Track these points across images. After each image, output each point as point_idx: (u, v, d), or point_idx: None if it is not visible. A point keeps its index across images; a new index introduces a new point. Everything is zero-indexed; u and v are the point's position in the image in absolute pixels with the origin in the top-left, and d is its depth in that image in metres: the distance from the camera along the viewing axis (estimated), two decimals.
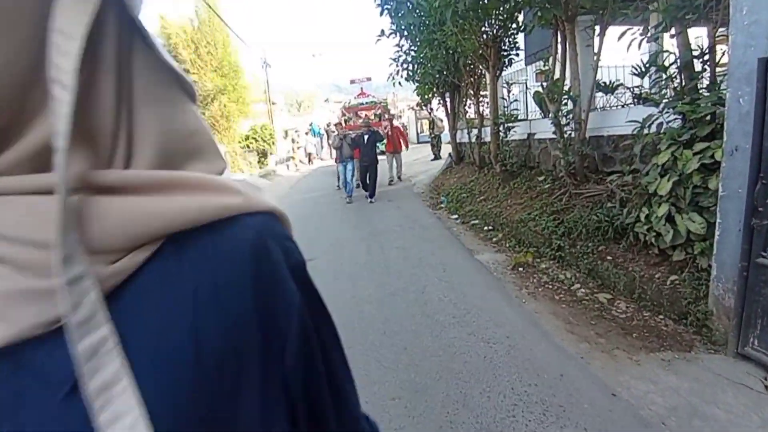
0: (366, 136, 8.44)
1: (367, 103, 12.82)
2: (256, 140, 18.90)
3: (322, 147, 23.26)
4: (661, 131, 2.90)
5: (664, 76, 3.09)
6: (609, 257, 3.56)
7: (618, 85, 4.58)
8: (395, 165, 10.68)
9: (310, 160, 21.97)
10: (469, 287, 3.71)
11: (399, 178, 10.79)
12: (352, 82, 14.91)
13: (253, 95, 22.45)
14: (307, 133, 22.00)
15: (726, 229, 2.15)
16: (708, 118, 2.50)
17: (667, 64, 3.05)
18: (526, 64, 8.38)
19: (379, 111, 11.86)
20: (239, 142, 18.55)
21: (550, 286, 3.64)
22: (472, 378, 2.33)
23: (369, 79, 15.03)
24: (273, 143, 19.88)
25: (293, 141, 20.04)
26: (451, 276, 4.00)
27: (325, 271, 4.38)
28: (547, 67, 5.30)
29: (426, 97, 11.14)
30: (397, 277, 4.05)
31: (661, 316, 2.76)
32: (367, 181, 8.39)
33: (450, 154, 10.89)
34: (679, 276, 2.70)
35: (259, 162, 18.71)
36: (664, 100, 2.92)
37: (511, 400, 2.11)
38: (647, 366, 2.28)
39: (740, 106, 1.96)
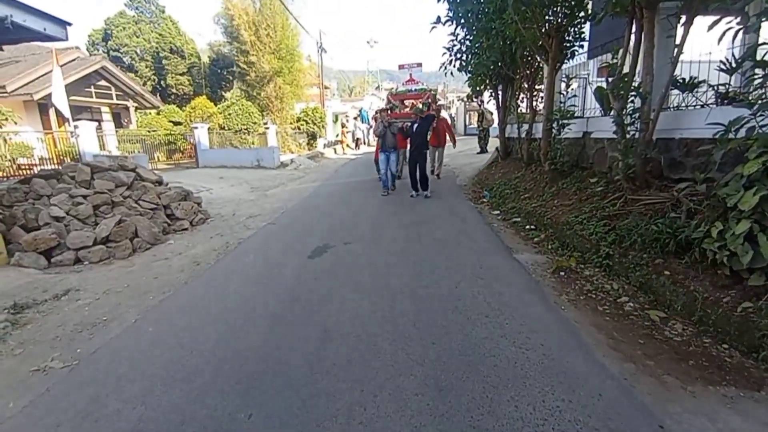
0: (416, 125, 7.66)
1: (415, 90, 11.94)
2: (307, 122, 19.32)
3: (370, 133, 23.37)
4: (752, 136, 2.52)
5: (761, 73, 2.67)
6: (666, 272, 3.22)
7: (700, 82, 4.08)
8: (436, 159, 9.88)
9: (357, 145, 22.15)
10: (506, 287, 3.53)
11: (437, 175, 9.87)
12: (401, 67, 14.68)
13: (308, 79, 22.93)
14: (356, 119, 22.18)
15: None
16: None
17: (766, 58, 2.63)
18: (588, 58, 7.77)
19: (427, 100, 10.68)
20: (290, 123, 19.05)
21: (594, 296, 3.38)
22: (501, 384, 2.21)
23: (419, 65, 14.64)
24: (323, 126, 20.25)
25: (343, 126, 20.25)
26: (487, 273, 3.83)
27: (361, 256, 4.37)
28: (615, 60, 4.84)
29: (477, 88, 10.73)
30: (432, 269, 3.95)
31: (726, 345, 2.44)
32: (417, 175, 7.64)
33: (497, 148, 10.47)
34: (755, 303, 2.36)
35: (308, 144, 19.15)
36: (760, 101, 2.53)
37: (541, 414, 1.96)
38: (704, 400, 2.02)
39: None
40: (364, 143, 22.91)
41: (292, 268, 4.05)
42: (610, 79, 4.76)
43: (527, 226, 5.44)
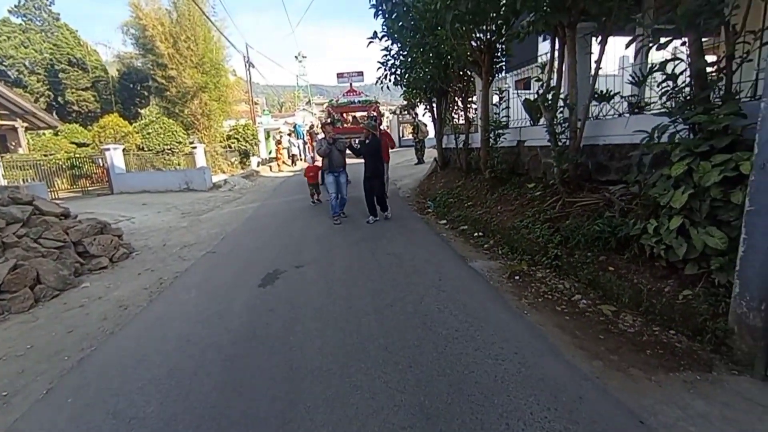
0: (367, 141, 6.81)
1: (359, 102, 11.39)
2: (238, 140, 18.32)
3: (305, 149, 22.94)
4: (672, 142, 2.82)
5: (672, 85, 3.03)
6: (611, 268, 3.47)
7: (615, 94, 4.56)
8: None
9: (293, 161, 21.52)
10: (468, 297, 3.55)
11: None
12: (340, 76, 14.71)
13: (236, 95, 21.84)
14: (290, 135, 21.59)
15: (752, 245, 2.06)
16: (724, 129, 2.44)
17: (676, 72, 3.00)
18: (506, 72, 8.39)
19: (373, 112, 9.90)
20: (220, 141, 17.92)
21: (550, 297, 3.53)
22: (487, 401, 2.14)
23: (360, 73, 14.72)
24: (256, 144, 19.35)
25: (278, 142, 19.54)
26: (448, 285, 3.83)
27: (317, 281, 4.12)
28: (536, 76, 5.27)
29: (412, 101, 11.03)
30: (393, 285, 3.84)
31: (673, 332, 2.66)
32: (375, 201, 6.76)
33: (435, 159, 10.81)
34: (693, 291, 2.61)
35: (241, 162, 18.13)
36: (674, 110, 2.85)
37: (533, 429, 1.93)
38: (669, 388, 2.15)
39: None
40: (301, 159, 22.37)
41: (242, 301, 3.66)
42: (529, 91, 5.18)
43: (475, 233, 5.60)
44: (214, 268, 4.73)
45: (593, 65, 4.25)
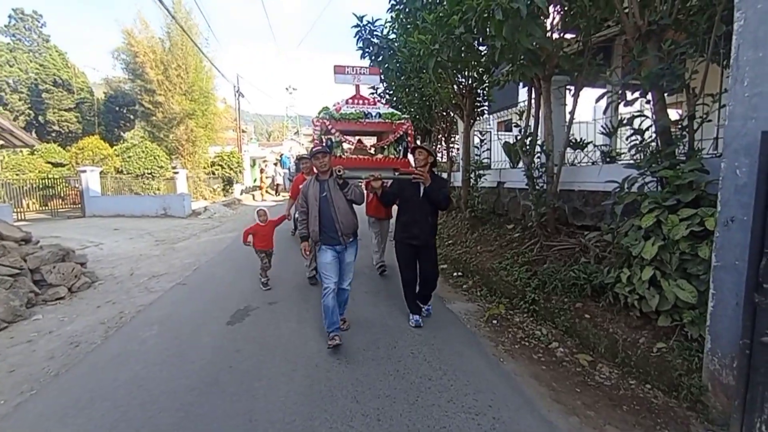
0: (411, 180, 3.64)
1: (379, 116, 4.48)
2: (223, 167, 18.18)
3: (290, 179, 22.94)
4: (642, 193, 2.91)
5: (639, 139, 3.17)
6: (587, 315, 3.45)
7: (588, 143, 4.75)
8: (377, 242, 5.59)
9: (277, 191, 21.41)
10: (443, 342, 3.44)
11: (382, 268, 5.51)
12: (341, 71, 4.70)
13: (224, 122, 21.96)
14: (276, 164, 21.61)
15: (721, 300, 2.08)
16: (689, 184, 2.54)
17: (643, 127, 3.15)
18: (489, 114, 8.73)
19: (401, 133, 4.42)
20: (204, 167, 17.75)
21: (527, 343, 3.46)
22: None
23: (375, 72, 4.93)
24: (240, 171, 19.23)
25: (261, 171, 19.48)
26: (424, 327, 3.72)
27: (288, 317, 3.94)
28: (515, 122, 5.50)
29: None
30: (367, 327, 3.71)
31: (649, 386, 2.61)
32: (417, 284, 3.87)
33: None
34: (667, 344, 2.59)
35: (224, 190, 17.91)
36: (642, 163, 2.97)
37: None
38: None
39: (737, 178, 1.95)
40: (285, 189, 22.33)
41: (207, 340, 3.44)
42: (510, 134, 5.38)
43: (455, 273, 5.56)
44: (182, 302, 4.49)
45: (568, 115, 4.45)
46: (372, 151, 4.58)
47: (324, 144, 4.06)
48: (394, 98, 8.55)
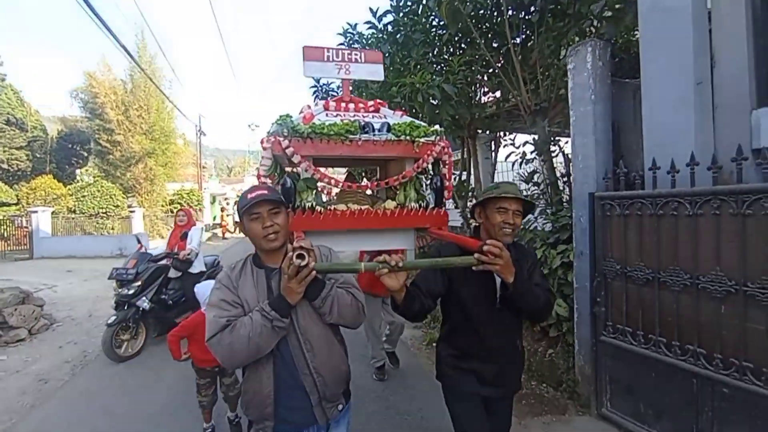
0: (488, 278, 1.54)
1: (380, 130, 2.18)
2: (182, 205, 18.04)
3: None
4: (535, 232, 3.75)
5: (537, 190, 4.07)
6: None
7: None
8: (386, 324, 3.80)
9: (236, 228, 21.34)
10: (389, 365, 3.97)
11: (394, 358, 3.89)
12: (313, 59, 2.32)
13: (184, 159, 21.96)
14: (236, 203, 21.60)
15: (581, 313, 2.85)
16: (566, 225, 3.38)
17: (539, 181, 4.06)
18: None
19: (428, 161, 2.24)
20: (162, 205, 17.55)
21: None
22: None
23: (372, 55, 2.55)
24: (200, 209, 19.10)
25: (222, 209, 19.49)
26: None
27: None
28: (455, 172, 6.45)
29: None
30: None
31: (545, 384, 3.29)
32: None
33: None
34: (555, 349, 3.32)
35: None
36: (539, 209, 3.84)
37: None
38: (532, 428, 2.72)
39: (581, 223, 2.79)
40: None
41: (171, 372, 3.76)
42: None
43: None
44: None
45: (491, 167, 5.40)
46: (368, 194, 2.78)
47: (277, 184, 2.23)
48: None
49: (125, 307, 4.09)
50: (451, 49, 4.50)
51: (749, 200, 1.91)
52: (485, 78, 4.42)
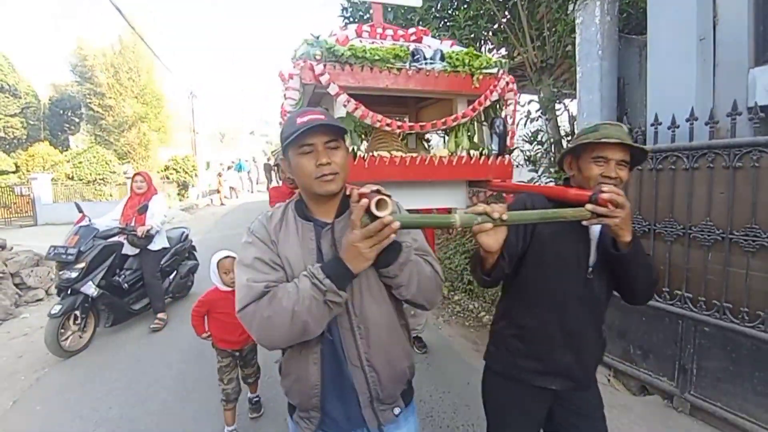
0: (582, 239, 1.20)
1: (431, 60, 1.84)
2: (177, 171, 17.89)
3: (250, 181, 22.97)
4: None
5: (541, 149, 4.13)
6: None
7: (514, 149, 5.73)
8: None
9: (234, 194, 21.34)
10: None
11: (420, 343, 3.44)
12: None
13: (177, 125, 21.54)
14: (229, 168, 21.50)
15: None
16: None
17: (544, 140, 4.11)
18: None
19: (489, 98, 1.89)
20: (158, 172, 17.42)
21: (462, 315, 4.32)
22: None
23: None
24: (195, 175, 18.98)
25: (219, 174, 19.36)
26: None
27: None
28: None
29: None
30: None
31: None
32: None
33: None
34: None
35: (179, 194, 17.64)
36: (541, 168, 3.92)
37: (429, 405, 2.59)
38: None
39: None
40: (241, 191, 22.29)
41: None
42: None
43: None
44: None
45: None
46: (411, 139, 2.44)
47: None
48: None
49: (69, 293, 3.35)
50: (456, 3, 4.38)
51: (740, 153, 2.01)
52: (491, 34, 4.33)
